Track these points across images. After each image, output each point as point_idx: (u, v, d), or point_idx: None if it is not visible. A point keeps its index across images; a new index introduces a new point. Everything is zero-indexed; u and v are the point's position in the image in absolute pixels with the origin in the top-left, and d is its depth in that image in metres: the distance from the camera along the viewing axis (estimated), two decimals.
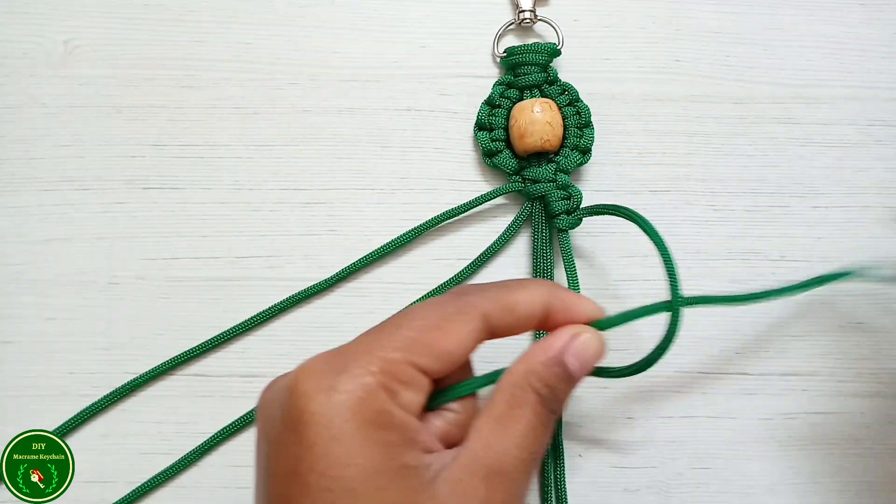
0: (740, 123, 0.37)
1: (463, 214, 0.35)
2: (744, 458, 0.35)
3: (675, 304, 0.29)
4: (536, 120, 0.34)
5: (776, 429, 0.35)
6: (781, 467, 0.34)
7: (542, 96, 0.36)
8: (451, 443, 0.26)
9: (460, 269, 0.35)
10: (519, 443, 0.25)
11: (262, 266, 0.35)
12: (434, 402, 0.26)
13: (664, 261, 0.29)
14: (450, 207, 0.35)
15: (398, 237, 0.35)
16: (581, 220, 0.34)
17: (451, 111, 0.37)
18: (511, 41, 0.37)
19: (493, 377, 0.27)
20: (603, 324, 0.28)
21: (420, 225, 0.35)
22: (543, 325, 0.28)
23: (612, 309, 0.36)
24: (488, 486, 0.24)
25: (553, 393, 0.26)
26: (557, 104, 0.35)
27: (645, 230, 0.30)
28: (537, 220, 0.35)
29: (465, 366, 0.27)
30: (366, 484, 0.23)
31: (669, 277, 0.29)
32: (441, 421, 0.26)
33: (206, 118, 0.36)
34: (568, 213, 0.34)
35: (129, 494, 0.34)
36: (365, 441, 0.23)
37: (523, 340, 0.35)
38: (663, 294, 0.36)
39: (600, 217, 0.35)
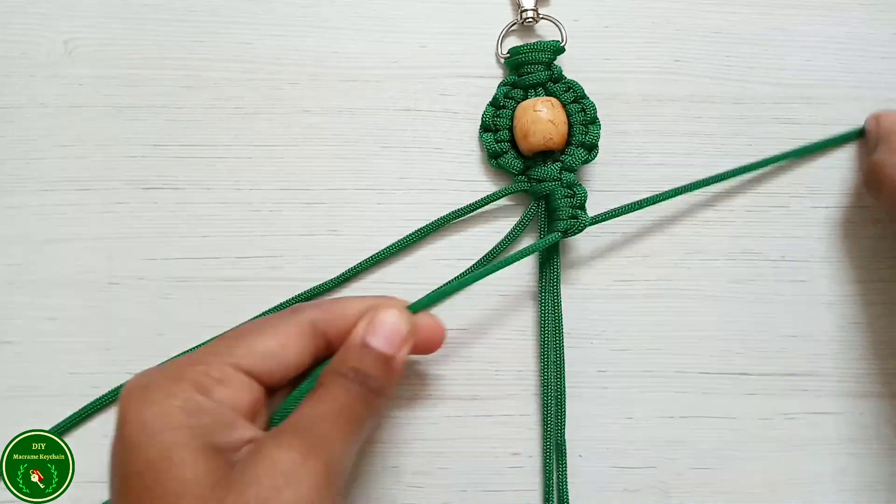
0: (740, 123, 0.37)
1: (466, 215, 0.35)
2: (744, 458, 0.35)
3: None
4: (539, 119, 0.34)
5: (776, 429, 0.35)
6: (781, 467, 0.34)
7: (547, 94, 0.36)
8: None
9: (463, 269, 0.35)
10: (321, 407, 0.26)
11: (263, 266, 0.35)
12: (273, 419, 0.28)
13: None
14: (450, 207, 0.35)
15: (403, 238, 0.35)
16: (583, 228, 0.34)
17: (452, 111, 0.37)
18: (513, 41, 0.37)
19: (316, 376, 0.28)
20: (415, 307, 0.30)
21: (426, 225, 0.35)
22: None
23: (613, 308, 0.36)
24: (285, 443, 0.24)
25: (361, 373, 0.27)
26: (562, 101, 0.35)
27: None
28: (542, 220, 0.35)
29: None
30: (168, 461, 0.24)
31: None
32: None
33: (206, 118, 0.36)
34: (573, 216, 0.34)
35: None
36: (171, 427, 0.24)
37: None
38: (663, 294, 0.36)
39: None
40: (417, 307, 0.30)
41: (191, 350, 0.33)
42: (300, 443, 0.25)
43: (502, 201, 0.36)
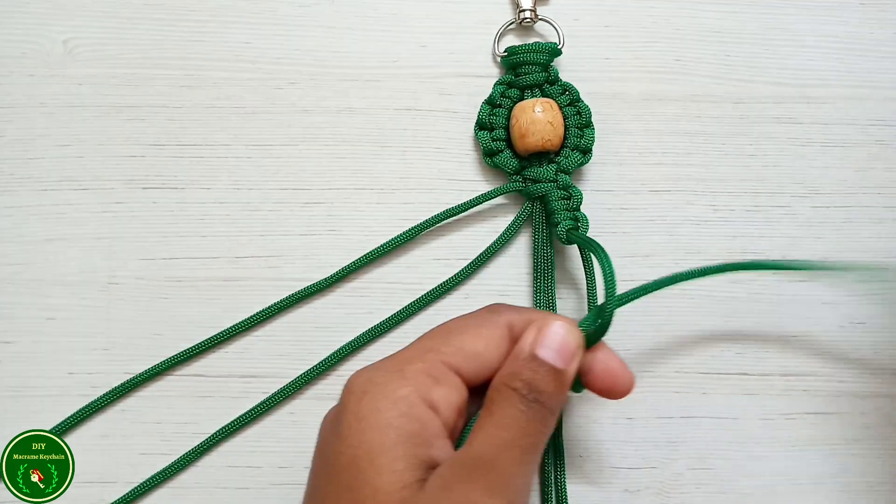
0: (740, 123, 0.37)
1: (463, 214, 0.35)
2: (744, 458, 0.34)
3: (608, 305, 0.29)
4: (537, 120, 0.34)
5: (776, 429, 0.35)
6: (781, 467, 0.34)
7: (543, 96, 0.36)
8: None
9: (460, 268, 0.35)
10: (501, 436, 0.25)
11: (262, 266, 0.35)
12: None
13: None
14: (450, 207, 0.35)
15: (398, 236, 0.35)
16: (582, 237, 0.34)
17: (452, 111, 0.37)
18: (511, 41, 0.37)
19: None
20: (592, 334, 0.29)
21: (420, 224, 0.35)
22: None
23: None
24: (470, 478, 0.24)
25: (533, 387, 0.26)
26: (558, 104, 0.35)
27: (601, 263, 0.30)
28: (538, 220, 0.35)
29: None
30: (370, 462, 0.25)
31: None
32: None
33: (206, 118, 0.36)
34: (571, 219, 0.34)
35: (128, 494, 0.34)
36: (382, 426, 0.25)
37: None
38: (663, 293, 0.36)
39: (600, 217, 0.35)
40: (595, 333, 0.29)
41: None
42: (486, 480, 0.24)
43: (498, 200, 0.36)
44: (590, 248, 0.31)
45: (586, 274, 0.34)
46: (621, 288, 0.36)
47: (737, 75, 0.37)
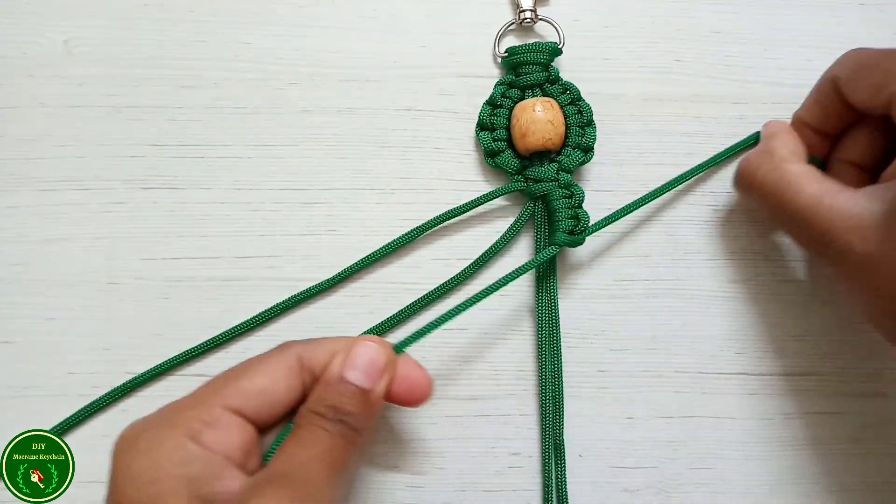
0: (740, 123, 0.37)
1: (464, 215, 0.35)
2: (744, 458, 0.35)
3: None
4: (538, 119, 0.34)
5: (776, 429, 0.35)
6: (781, 467, 0.34)
7: (544, 95, 0.36)
8: None
9: (461, 269, 0.35)
10: (304, 453, 0.26)
11: (262, 266, 0.35)
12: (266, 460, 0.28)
13: None
14: (450, 207, 0.35)
15: (400, 237, 0.35)
16: (584, 240, 0.34)
17: (452, 111, 0.37)
18: (512, 41, 0.37)
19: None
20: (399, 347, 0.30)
21: (421, 225, 0.35)
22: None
23: (613, 308, 0.36)
24: (262, 494, 0.24)
25: (339, 410, 0.27)
26: (559, 103, 0.35)
27: None
28: (539, 219, 0.35)
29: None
30: None
31: None
32: None
33: (206, 118, 0.36)
34: (571, 232, 0.34)
35: None
36: (159, 478, 0.24)
37: None
38: (663, 294, 0.36)
39: (600, 217, 0.35)
40: (401, 347, 0.30)
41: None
42: (284, 493, 0.24)
43: (500, 201, 0.36)
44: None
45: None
46: (621, 288, 0.36)
47: (736, 75, 0.37)
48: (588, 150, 0.35)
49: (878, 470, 0.35)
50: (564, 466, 0.34)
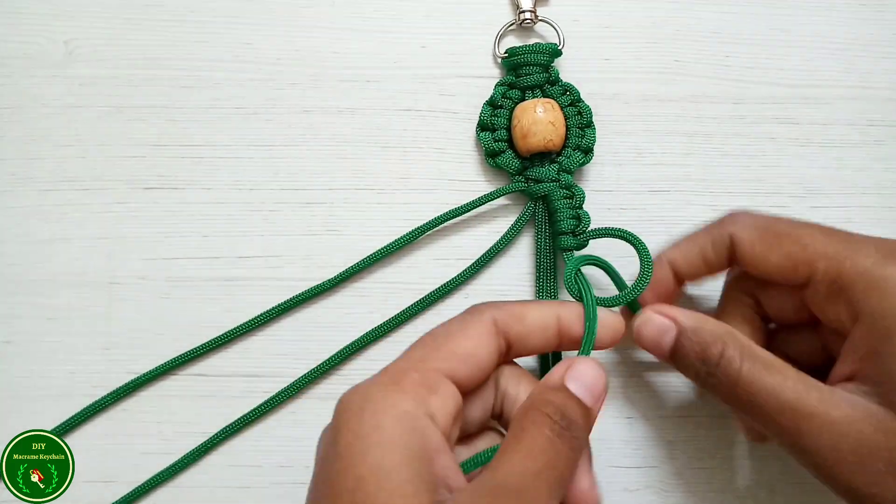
0: (740, 123, 0.37)
1: (464, 215, 0.35)
2: (744, 457, 0.35)
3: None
4: (539, 120, 0.34)
5: None
6: (781, 467, 0.34)
7: (544, 96, 0.36)
8: None
9: (461, 269, 0.35)
10: (529, 465, 0.24)
11: (263, 266, 0.35)
12: (466, 468, 0.26)
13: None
14: (450, 208, 0.35)
15: (400, 237, 0.35)
16: (587, 242, 0.34)
17: (452, 111, 0.37)
18: (512, 42, 0.37)
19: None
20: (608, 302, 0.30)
21: (422, 225, 0.35)
22: (559, 344, 0.29)
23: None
24: (502, 502, 0.23)
25: (565, 415, 0.25)
26: (559, 104, 0.35)
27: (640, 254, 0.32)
28: (540, 220, 0.35)
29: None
30: (378, 482, 0.23)
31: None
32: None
33: (206, 118, 0.36)
34: (574, 233, 0.34)
35: (130, 493, 0.34)
36: (385, 443, 0.23)
37: None
38: None
39: (600, 217, 0.35)
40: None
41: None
42: (504, 498, 0.23)
43: (500, 201, 0.36)
44: (585, 295, 0.31)
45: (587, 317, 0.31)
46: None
47: (736, 76, 0.37)
48: (588, 151, 0.35)
49: None
50: None
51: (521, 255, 0.36)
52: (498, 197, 0.35)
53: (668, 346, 0.30)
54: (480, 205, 0.35)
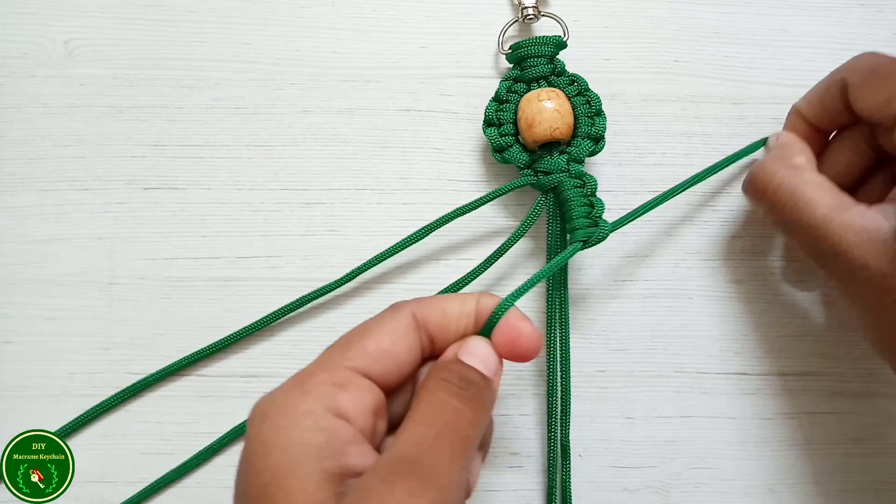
0: (739, 124, 0.37)
1: (465, 216, 0.35)
2: (744, 458, 0.35)
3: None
4: (544, 109, 0.34)
5: (776, 429, 0.35)
6: (781, 467, 0.34)
7: (550, 87, 0.35)
8: None
9: (461, 269, 0.35)
10: (426, 432, 0.24)
11: (263, 266, 0.35)
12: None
13: None
14: (450, 208, 0.35)
15: (407, 237, 0.35)
16: (607, 235, 0.33)
17: (452, 111, 0.37)
18: (514, 40, 0.37)
19: None
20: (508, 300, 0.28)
21: (428, 224, 0.35)
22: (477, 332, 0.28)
23: (613, 308, 0.36)
24: (391, 481, 0.23)
25: (463, 377, 0.26)
26: (566, 94, 0.35)
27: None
28: (552, 213, 0.35)
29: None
30: (280, 485, 0.23)
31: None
32: None
33: (206, 118, 0.36)
34: (586, 205, 0.33)
35: (132, 497, 0.34)
36: (288, 445, 0.24)
37: None
38: (663, 293, 0.36)
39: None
40: (511, 300, 0.28)
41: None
42: (409, 481, 0.23)
43: (499, 201, 0.36)
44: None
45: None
46: (621, 288, 0.36)
47: (736, 76, 0.37)
48: (599, 139, 0.35)
49: (878, 470, 0.35)
50: (570, 469, 0.34)
51: (524, 254, 0.36)
52: (507, 191, 0.35)
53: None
54: (489, 200, 0.34)
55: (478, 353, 0.27)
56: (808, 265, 0.36)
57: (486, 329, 0.28)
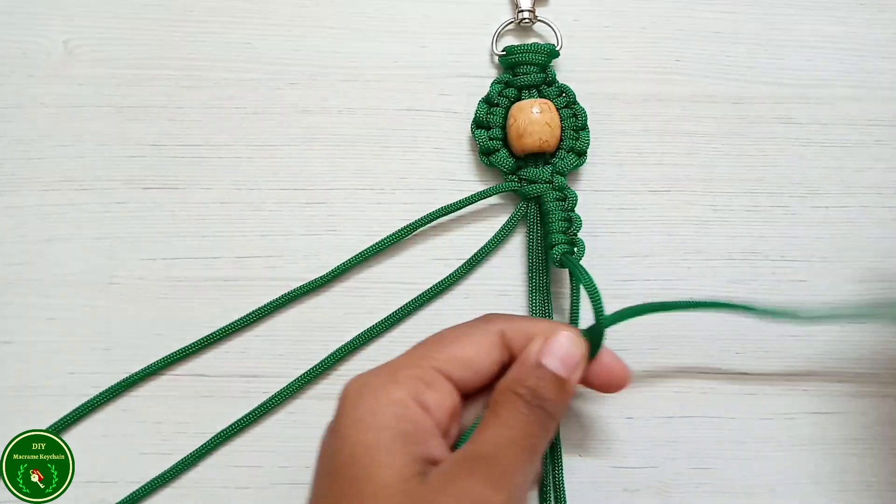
0: (740, 123, 0.37)
1: (463, 214, 0.35)
2: (744, 458, 0.35)
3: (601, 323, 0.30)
4: (535, 120, 0.34)
5: (776, 429, 0.35)
6: (781, 467, 0.34)
7: (540, 97, 0.36)
8: None
9: (457, 268, 0.35)
10: (504, 434, 0.26)
11: (262, 266, 0.35)
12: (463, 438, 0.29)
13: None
14: (445, 205, 0.35)
15: (393, 233, 0.35)
16: (580, 245, 0.34)
17: (451, 111, 0.37)
18: (510, 41, 0.37)
19: None
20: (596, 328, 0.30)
21: (414, 221, 0.35)
22: None
23: (613, 308, 0.36)
24: (472, 471, 0.25)
25: (537, 394, 0.27)
26: (555, 105, 0.35)
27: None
28: (532, 220, 0.35)
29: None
30: (370, 458, 0.26)
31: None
32: None
33: (206, 118, 0.36)
34: (567, 242, 0.34)
35: (129, 496, 0.34)
36: (379, 426, 0.26)
37: None
38: (663, 294, 0.36)
39: (600, 217, 0.36)
40: (602, 326, 0.30)
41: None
42: (488, 474, 0.25)
43: (500, 202, 0.36)
44: (577, 274, 0.32)
45: (572, 294, 0.34)
46: (621, 288, 0.36)
47: (736, 75, 0.37)
48: (581, 154, 0.35)
49: (878, 470, 0.35)
50: (562, 466, 0.34)
51: (519, 255, 0.36)
52: (490, 195, 0.35)
53: None
54: (472, 203, 0.35)
55: (559, 351, 0.28)
56: (811, 263, 0.36)
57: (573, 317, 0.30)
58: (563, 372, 0.28)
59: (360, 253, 0.35)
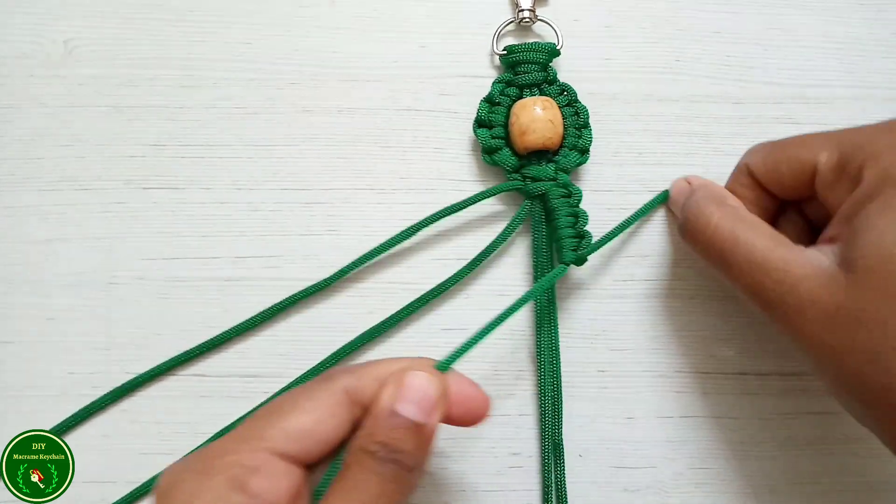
0: (740, 123, 0.37)
1: (464, 214, 0.35)
2: (744, 458, 0.35)
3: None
4: (538, 118, 0.34)
5: (776, 429, 0.35)
6: (781, 467, 0.34)
7: (542, 95, 0.36)
8: None
9: (459, 269, 0.35)
10: (352, 500, 0.24)
11: (262, 266, 0.35)
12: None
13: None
14: (448, 205, 0.35)
15: (396, 235, 0.35)
16: (586, 258, 0.34)
17: (452, 111, 0.37)
18: (510, 41, 0.37)
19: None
20: (443, 365, 0.27)
21: (418, 222, 0.35)
22: None
23: (613, 308, 0.36)
24: None
25: (390, 447, 0.25)
26: (557, 104, 0.35)
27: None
28: (537, 219, 0.35)
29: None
30: None
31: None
32: None
33: (206, 118, 0.37)
34: (575, 236, 0.34)
35: (128, 494, 0.34)
36: None
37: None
38: (662, 294, 0.36)
39: (600, 217, 0.35)
40: (446, 365, 0.27)
41: (224, 431, 0.31)
42: None
43: (498, 201, 0.36)
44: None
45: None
46: (621, 288, 0.36)
47: (736, 75, 0.37)
48: (584, 152, 0.35)
49: (878, 470, 0.35)
50: (564, 466, 0.34)
51: (520, 255, 0.36)
52: (494, 194, 0.35)
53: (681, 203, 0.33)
54: (476, 202, 0.35)
55: (413, 394, 0.25)
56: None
57: (446, 361, 0.27)
58: (419, 417, 0.25)
59: (365, 255, 0.35)
